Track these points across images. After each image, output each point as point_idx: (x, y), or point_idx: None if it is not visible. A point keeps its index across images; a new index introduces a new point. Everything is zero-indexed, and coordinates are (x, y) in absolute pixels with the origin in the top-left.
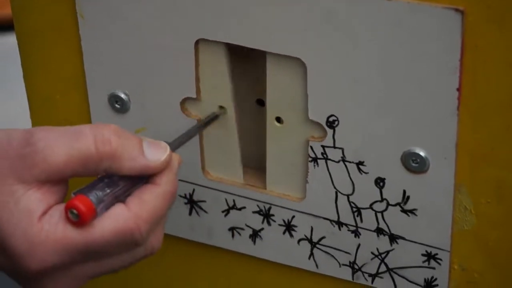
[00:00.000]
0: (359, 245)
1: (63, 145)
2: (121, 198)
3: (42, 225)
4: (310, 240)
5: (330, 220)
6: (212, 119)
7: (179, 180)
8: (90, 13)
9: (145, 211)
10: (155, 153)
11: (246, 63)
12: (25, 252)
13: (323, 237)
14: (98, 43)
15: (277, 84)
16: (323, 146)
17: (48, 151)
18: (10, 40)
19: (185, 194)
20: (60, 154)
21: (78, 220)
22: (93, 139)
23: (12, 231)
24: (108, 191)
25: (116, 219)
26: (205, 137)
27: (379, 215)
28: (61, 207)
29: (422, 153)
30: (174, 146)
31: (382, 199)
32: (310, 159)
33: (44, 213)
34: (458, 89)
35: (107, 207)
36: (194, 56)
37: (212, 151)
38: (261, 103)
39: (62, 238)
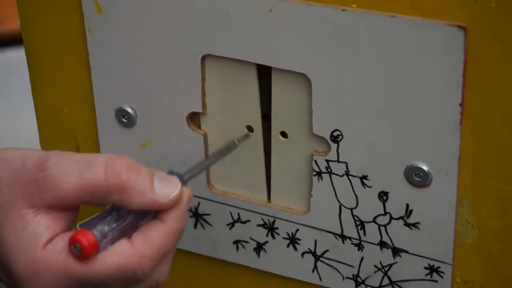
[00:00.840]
0: (362, 258)
1: (75, 173)
2: (127, 233)
3: (45, 253)
4: (314, 253)
5: (334, 234)
6: (230, 148)
7: None
8: (98, 28)
9: (149, 249)
10: (166, 189)
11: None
12: (26, 277)
13: (327, 250)
14: (106, 58)
15: (282, 99)
16: (327, 160)
17: (59, 178)
18: (11, 55)
19: (190, 208)
20: (70, 182)
21: (80, 254)
22: (103, 170)
23: (17, 255)
24: (114, 225)
25: (119, 255)
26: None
27: (382, 228)
28: (66, 236)
29: (425, 167)
30: (189, 175)
31: (385, 213)
32: (314, 173)
33: (49, 240)
34: (460, 104)
35: (112, 242)
36: (200, 71)
37: (236, 169)
38: (266, 117)
39: (63, 267)
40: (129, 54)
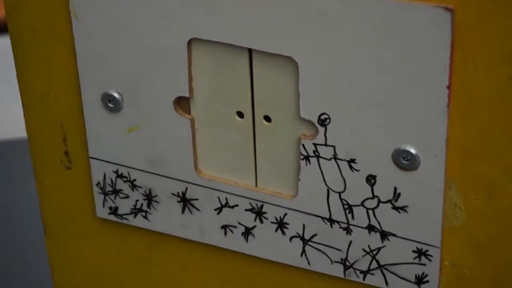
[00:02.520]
0: (350, 242)
1: None
2: None
3: None
4: (302, 238)
5: (322, 218)
6: None
7: (172, 178)
8: (84, 13)
9: None
10: None
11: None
12: None
13: (315, 235)
14: (91, 42)
15: (265, 83)
16: (314, 144)
17: None
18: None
19: (178, 193)
20: None
21: None
22: None
23: None
24: None
25: None
26: (216, 139)
27: (370, 212)
28: None
29: (413, 151)
30: None
31: (374, 196)
32: (302, 157)
33: None
34: (448, 87)
35: None
36: (187, 55)
37: (224, 154)
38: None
39: None
40: (114, 39)
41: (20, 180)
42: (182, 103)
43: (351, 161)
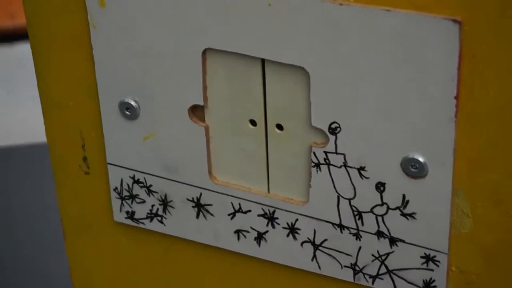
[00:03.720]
0: (360, 248)
1: None
2: None
3: None
4: (313, 243)
5: (332, 223)
6: None
7: (187, 184)
8: (101, 22)
9: None
10: None
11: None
12: None
13: (326, 240)
14: (109, 51)
15: (277, 92)
16: (325, 152)
17: None
18: (22, 49)
19: (193, 198)
20: None
21: None
22: None
23: None
24: None
25: None
26: (230, 146)
27: (379, 218)
28: None
29: (421, 159)
30: None
31: (383, 203)
32: (313, 164)
33: None
34: (455, 97)
35: None
36: (201, 64)
37: (238, 161)
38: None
39: None
40: (131, 48)
41: (39, 184)
42: (197, 111)
43: (361, 169)
